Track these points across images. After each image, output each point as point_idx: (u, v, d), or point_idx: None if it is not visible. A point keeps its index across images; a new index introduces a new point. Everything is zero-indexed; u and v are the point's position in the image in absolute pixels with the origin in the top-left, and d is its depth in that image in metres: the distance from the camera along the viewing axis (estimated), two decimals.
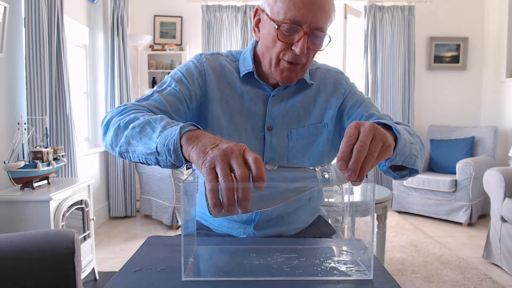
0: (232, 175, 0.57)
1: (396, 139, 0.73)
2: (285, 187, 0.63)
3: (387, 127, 0.76)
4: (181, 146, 0.67)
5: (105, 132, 0.84)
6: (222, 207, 0.57)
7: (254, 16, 0.98)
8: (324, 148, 1.02)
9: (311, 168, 0.64)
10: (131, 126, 0.78)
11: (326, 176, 0.63)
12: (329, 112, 1.02)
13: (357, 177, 0.61)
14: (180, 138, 0.67)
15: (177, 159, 0.68)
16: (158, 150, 0.71)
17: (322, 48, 0.93)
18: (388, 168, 0.85)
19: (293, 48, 0.90)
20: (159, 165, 0.74)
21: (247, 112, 1.00)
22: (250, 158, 0.58)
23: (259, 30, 0.98)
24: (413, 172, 0.86)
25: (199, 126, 0.71)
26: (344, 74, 1.09)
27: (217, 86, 1.00)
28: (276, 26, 0.89)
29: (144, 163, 0.78)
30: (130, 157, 0.80)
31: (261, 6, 0.95)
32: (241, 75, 1.01)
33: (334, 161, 0.64)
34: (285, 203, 0.64)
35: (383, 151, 0.65)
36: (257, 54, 1.02)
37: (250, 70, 1.00)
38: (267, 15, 0.92)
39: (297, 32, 0.89)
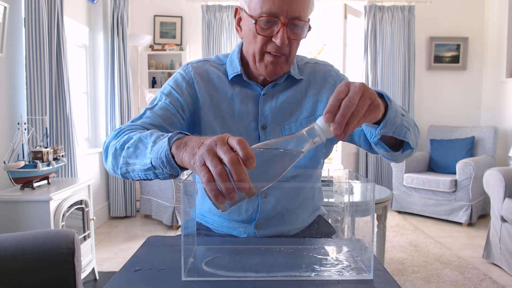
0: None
1: (386, 107, 0.73)
2: (279, 156, 0.62)
3: (380, 96, 0.75)
4: (173, 156, 0.68)
5: (106, 157, 0.87)
6: (224, 196, 0.58)
7: (235, 16, 1.00)
8: None
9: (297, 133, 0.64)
10: (126, 146, 0.80)
11: (312, 131, 0.63)
12: (321, 104, 1.03)
13: (343, 132, 0.61)
14: (170, 148, 0.69)
15: (172, 169, 0.70)
16: (153, 164, 0.72)
17: (303, 36, 0.94)
18: (379, 140, 0.84)
19: (273, 39, 0.91)
20: (159, 178, 0.75)
21: (239, 114, 1.01)
22: (234, 142, 0.58)
23: (241, 29, 1.00)
24: (406, 148, 0.85)
25: (187, 133, 0.72)
26: (333, 66, 1.10)
27: (207, 92, 1.01)
28: (254, 21, 0.90)
29: (146, 179, 0.79)
30: (132, 177, 0.82)
31: (240, 5, 0.97)
32: (229, 78, 1.02)
33: (320, 119, 0.63)
34: (284, 172, 0.63)
35: (372, 110, 0.65)
36: (244, 55, 1.03)
37: (238, 73, 1.01)
38: (245, 12, 0.93)
39: (275, 24, 0.90)
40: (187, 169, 0.68)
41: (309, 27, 0.93)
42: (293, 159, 0.62)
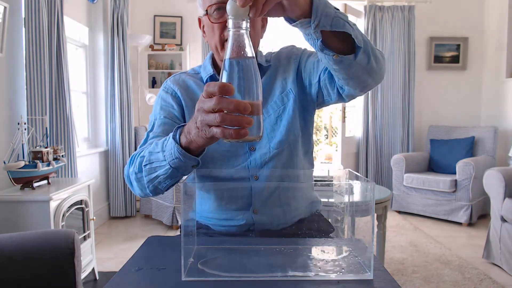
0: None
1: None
2: (242, 65, 0.62)
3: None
4: (188, 148, 0.75)
5: (131, 185, 0.94)
6: (244, 127, 0.60)
7: (200, 26, 1.08)
8: (295, 112, 1.06)
9: None
10: (142, 166, 0.87)
11: (231, 21, 0.62)
12: (289, 79, 1.08)
13: (253, 7, 0.61)
14: (181, 144, 0.75)
15: (191, 160, 0.76)
16: (173, 167, 0.79)
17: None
18: (323, 46, 0.76)
19: (227, 25, 0.94)
20: (185, 175, 0.81)
21: None
22: (206, 91, 0.62)
23: (205, 34, 1.06)
24: (357, 50, 0.78)
25: (181, 124, 0.78)
26: (295, 45, 1.16)
27: (188, 97, 1.09)
28: (205, 12, 0.96)
29: (175, 183, 0.85)
30: (161, 188, 0.88)
31: (199, 14, 1.04)
32: (204, 80, 1.09)
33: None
34: (258, 76, 0.63)
35: None
36: (215, 59, 1.10)
37: (211, 74, 1.08)
38: (203, 16, 1.01)
39: (225, 11, 0.92)
40: (203, 151, 0.76)
41: None
42: (251, 55, 0.62)
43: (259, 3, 0.62)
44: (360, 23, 4.50)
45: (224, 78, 0.61)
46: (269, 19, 1.08)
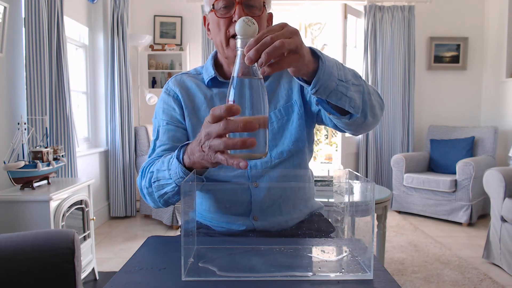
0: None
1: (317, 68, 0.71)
2: (248, 85, 0.64)
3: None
4: (191, 168, 0.77)
5: (145, 198, 0.99)
6: (248, 149, 0.61)
7: (205, 24, 1.08)
8: (300, 123, 1.06)
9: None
10: (152, 182, 0.92)
11: (239, 39, 0.64)
12: (295, 89, 1.08)
13: (262, 69, 0.62)
14: (184, 165, 0.78)
15: (197, 179, 0.79)
16: (180, 185, 0.82)
17: (260, 14, 0.98)
18: (320, 101, 0.80)
19: (233, 20, 0.95)
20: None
21: None
22: (212, 116, 0.64)
23: (210, 31, 1.05)
24: (353, 115, 0.82)
25: (185, 143, 0.81)
26: None
27: (189, 99, 1.08)
28: (212, 7, 0.96)
29: None
30: (172, 202, 0.93)
31: (205, 12, 1.04)
32: (206, 82, 1.08)
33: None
34: (264, 96, 0.65)
35: (291, 41, 0.64)
36: (217, 61, 1.10)
37: (213, 76, 1.06)
38: (208, 12, 1.01)
39: (232, 7, 0.95)
40: (207, 168, 0.78)
41: (264, 3, 0.98)
42: (258, 73, 0.64)
43: (265, 61, 0.61)
44: (360, 23, 4.50)
45: (231, 95, 0.63)
46: (274, 17, 1.08)
